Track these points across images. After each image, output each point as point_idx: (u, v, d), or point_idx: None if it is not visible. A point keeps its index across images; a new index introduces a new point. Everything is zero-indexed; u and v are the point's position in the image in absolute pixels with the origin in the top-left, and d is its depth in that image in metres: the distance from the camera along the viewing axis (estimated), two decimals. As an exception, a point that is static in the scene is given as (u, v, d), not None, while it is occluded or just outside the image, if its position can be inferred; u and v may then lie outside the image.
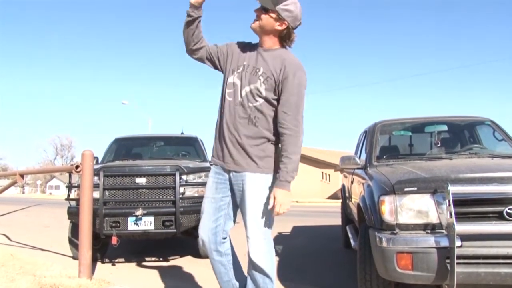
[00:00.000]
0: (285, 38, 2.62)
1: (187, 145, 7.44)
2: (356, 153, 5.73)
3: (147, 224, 5.09)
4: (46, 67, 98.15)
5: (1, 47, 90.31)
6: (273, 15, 2.53)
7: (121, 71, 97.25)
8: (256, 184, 2.57)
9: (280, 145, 2.58)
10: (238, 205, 2.69)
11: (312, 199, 28.57)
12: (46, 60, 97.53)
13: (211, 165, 2.83)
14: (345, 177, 6.09)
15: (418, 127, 5.02)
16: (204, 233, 2.67)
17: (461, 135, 5.04)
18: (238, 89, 2.60)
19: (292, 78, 2.53)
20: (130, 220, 5.06)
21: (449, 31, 70.67)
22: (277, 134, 2.59)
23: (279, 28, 2.57)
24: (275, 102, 2.57)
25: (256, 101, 2.56)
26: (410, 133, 5.10)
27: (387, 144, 5.16)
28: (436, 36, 71.81)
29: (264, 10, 2.54)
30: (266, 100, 2.56)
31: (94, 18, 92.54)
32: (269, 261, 2.60)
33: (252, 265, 2.60)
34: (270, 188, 2.56)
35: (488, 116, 4.91)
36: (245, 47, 2.72)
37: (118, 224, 5.09)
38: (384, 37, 72.26)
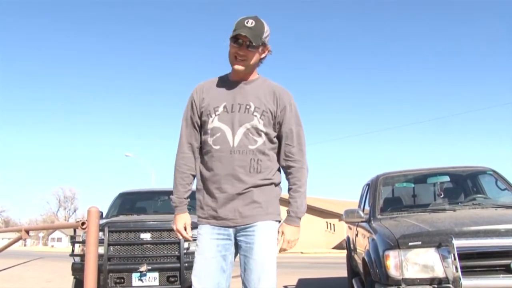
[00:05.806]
0: (262, 60, 2.37)
1: (191, 199, 7.43)
2: (359, 205, 5.73)
3: (152, 280, 5.05)
4: (50, 118, 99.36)
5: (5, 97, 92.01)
6: (260, 49, 2.29)
7: (124, 123, 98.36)
8: (267, 234, 2.25)
9: (288, 179, 2.35)
10: (241, 259, 2.34)
11: (317, 249, 28.14)
12: (51, 112, 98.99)
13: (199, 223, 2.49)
14: (350, 228, 6.06)
15: (420, 178, 5.04)
16: None
17: (464, 185, 5.05)
18: (228, 133, 2.26)
19: (289, 108, 2.32)
20: (135, 276, 5.04)
21: (447, 77, 71.85)
22: (279, 174, 2.37)
23: (263, 55, 2.34)
24: (275, 139, 2.33)
25: (256, 141, 2.25)
26: (413, 185, 5.12)
27: (390, 196, 5.17)
28: (434, 83, 72.93)
29: (252, 48, 2.25)
30: (267, 138, 2.29)
31: (98, 69, 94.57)
32: None
33: None
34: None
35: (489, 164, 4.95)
36: (214, 86, 2.38)
37: (123, 280, 5.06)
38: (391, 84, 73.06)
